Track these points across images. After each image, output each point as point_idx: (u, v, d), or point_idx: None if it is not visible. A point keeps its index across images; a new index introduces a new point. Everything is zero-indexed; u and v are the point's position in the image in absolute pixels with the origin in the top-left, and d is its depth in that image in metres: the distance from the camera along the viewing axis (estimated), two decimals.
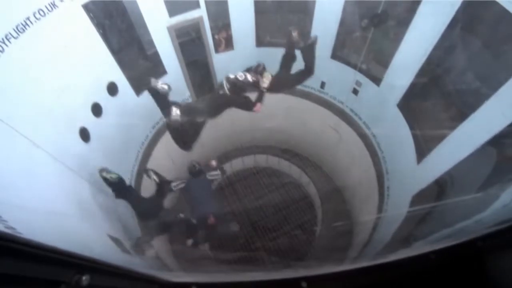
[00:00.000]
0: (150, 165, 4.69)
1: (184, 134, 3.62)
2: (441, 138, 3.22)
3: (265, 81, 3.56)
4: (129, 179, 4.19)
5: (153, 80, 3.33)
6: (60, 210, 2.39)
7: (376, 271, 1.17)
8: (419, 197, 3.55)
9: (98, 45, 3.36)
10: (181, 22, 4.15)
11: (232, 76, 3.36)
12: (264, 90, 3.55)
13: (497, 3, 2.44)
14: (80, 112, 3.19)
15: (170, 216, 4.16)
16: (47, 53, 2.67)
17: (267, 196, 6.49)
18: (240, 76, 3.39)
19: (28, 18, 2.42)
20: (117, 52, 3.64)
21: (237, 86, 3.40)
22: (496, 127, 2.52)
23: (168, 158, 5.31)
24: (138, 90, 4.18)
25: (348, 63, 4.47)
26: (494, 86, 2.54)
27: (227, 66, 5.02)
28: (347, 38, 4.36)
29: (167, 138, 5.00)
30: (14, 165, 2.14)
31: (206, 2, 4.15)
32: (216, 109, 3.56)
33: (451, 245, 1.22)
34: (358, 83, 4.49)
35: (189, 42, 4.49)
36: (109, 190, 3.42)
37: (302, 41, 3.52)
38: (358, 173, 5.31)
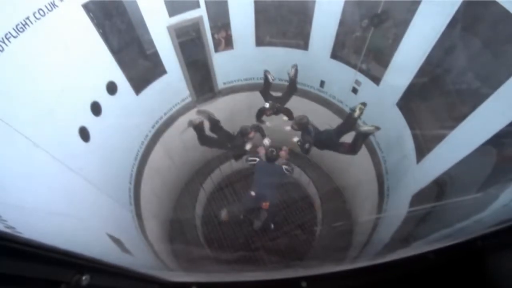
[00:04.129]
0: (150, 164, 4.69)
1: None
2: (440, 137, 3.22)
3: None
4: (129, 179, 4.19)
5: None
6: (60, 210, 2.38)
7: (375, 271, 1.17)
8: (418, 197, 3.55)
9: (98, 45, 3.36)
10: (181, 21, 4.15)
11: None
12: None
13: (497, 3, 2.44)
14: (80, 112, 3.19)
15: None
16: (47, 53, 2.67)
17: None
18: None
19: (28, 18, 2.41)
20: (117, 52, 3.63)
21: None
22: (496, 126, 2.52)
23: (167, 157, 5.31)
24: (137, 90, 4.18)
25: (348, 63, 4.47)
26: (494, 85, 2.54)
27: (227, 65, 5.03)
28: (347, 38, 4.37)
29: (166, 137, 5.01)
30: (14, 165, 2.13)
31: (206, 2, 4.15)
32: None
33: (450, 245, 1.22)
34: (357, 82, 4.49)
35: (189, 42, 4.49)
36: (108, 190, 3.42)
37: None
38: (358, 173, 5.31)
